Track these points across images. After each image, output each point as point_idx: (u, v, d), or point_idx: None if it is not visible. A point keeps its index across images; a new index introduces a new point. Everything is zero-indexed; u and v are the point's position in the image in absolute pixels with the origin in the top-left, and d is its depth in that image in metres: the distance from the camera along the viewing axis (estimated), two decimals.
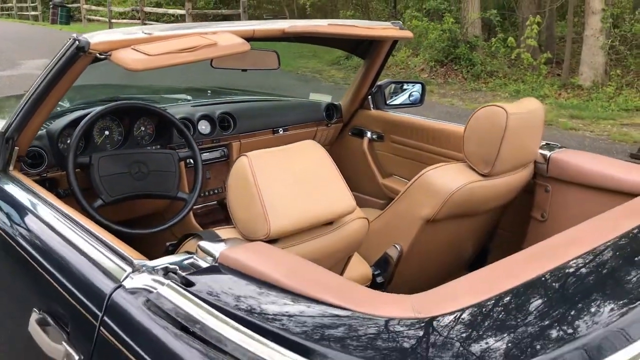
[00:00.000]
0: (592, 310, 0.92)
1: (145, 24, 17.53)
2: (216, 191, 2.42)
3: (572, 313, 0.91)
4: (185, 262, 1.09)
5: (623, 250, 1.13)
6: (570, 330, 0.86)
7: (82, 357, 1.05)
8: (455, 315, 0.87)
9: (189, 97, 2.67)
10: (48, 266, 1.29)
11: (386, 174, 2.58)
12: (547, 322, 0.87)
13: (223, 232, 1.23)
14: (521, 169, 1.79)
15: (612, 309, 0.92)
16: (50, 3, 21.24)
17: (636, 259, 1.11)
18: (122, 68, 1.48)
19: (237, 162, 1.24)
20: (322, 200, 1.27)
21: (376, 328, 0.85)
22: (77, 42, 1.46)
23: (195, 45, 1.55)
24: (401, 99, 2.61)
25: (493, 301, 0.91)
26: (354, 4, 11.58)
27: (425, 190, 1.70)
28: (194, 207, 2.18)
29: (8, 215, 1.59)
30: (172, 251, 1.25)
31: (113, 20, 19.57)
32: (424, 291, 0.95)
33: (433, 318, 0.86)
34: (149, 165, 1.99)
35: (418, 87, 2.63)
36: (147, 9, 18.21)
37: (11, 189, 1.66)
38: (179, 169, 2.07)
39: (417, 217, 1.72)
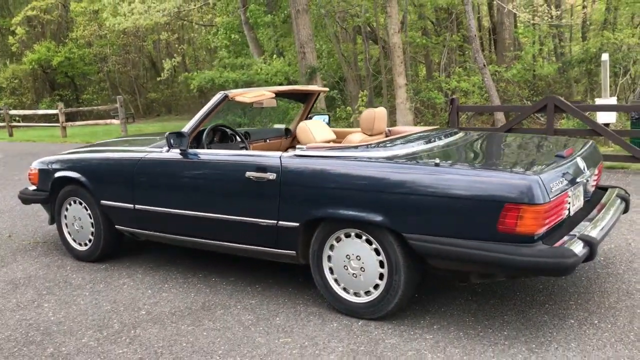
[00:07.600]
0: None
1: (12, 126, 18.54)
2: None
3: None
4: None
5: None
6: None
7: (276, 175, 3.53)
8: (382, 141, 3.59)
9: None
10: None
11: None
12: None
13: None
14: (381, 135, 4.60)
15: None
16: None
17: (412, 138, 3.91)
18: (240, 104, 4.07)
19: (300, 124, 3.91)
20: (326, 134, 3.99)
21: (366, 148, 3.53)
22: (224, 94, 4.00)
23: (261, 94, 4.18)
24: None
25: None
26: None
27: (349, 142, 4.42)
28: None
29: (212, 154, 3.88)
30: None
31: None
32: None
33: (377, 142, 3.57)
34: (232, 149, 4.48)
35: (326, 116, 5.44)
36: (13, 112, 19.21)
37: (198, 151, 3.98)
38: None
39: None
